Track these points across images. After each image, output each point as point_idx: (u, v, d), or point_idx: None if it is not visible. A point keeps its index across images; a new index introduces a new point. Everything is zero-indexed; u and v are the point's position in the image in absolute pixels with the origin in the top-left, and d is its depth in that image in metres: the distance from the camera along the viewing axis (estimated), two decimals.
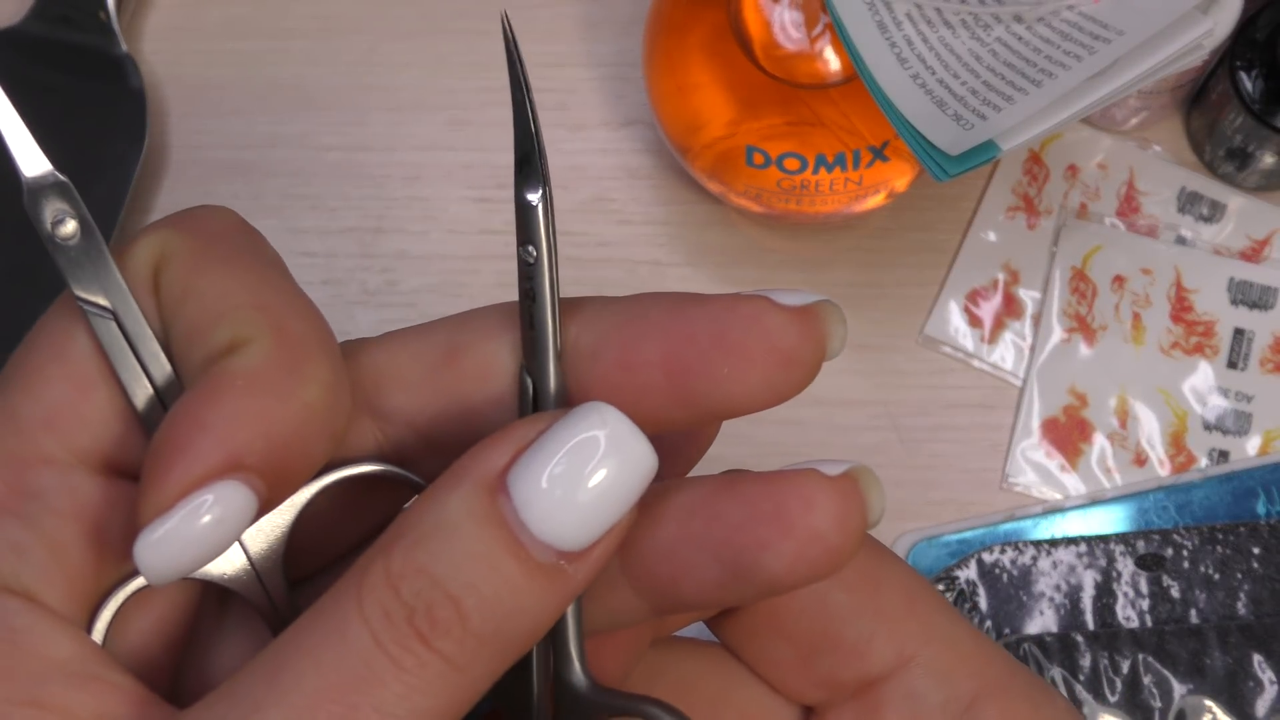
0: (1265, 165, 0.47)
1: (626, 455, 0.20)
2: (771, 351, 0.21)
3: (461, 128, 0.51)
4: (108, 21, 0.50)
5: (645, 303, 0.22)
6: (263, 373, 0.20)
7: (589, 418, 0.20)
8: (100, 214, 0.48)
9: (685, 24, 0.45)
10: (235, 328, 0.21)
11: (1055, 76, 0.38)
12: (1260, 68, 0.45)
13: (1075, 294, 0.48)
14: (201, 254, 0.22)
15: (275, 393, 0.20)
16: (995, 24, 0.39)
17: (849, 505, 0.21)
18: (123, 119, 0.50)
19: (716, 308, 0.21)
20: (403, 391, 0.23)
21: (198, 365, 0.21)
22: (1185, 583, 0.44)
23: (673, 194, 0.50)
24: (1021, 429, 0.47)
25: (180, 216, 0.23)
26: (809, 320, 0.21)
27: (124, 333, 0.21)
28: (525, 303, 0.21)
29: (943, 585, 0.44)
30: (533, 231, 0.21)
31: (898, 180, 0.45)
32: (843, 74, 0.43)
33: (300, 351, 0.21)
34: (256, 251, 0.23)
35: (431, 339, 0.23)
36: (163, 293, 0.22)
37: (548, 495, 0.19)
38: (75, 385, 0.21)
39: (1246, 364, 0.47)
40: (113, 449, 0.22)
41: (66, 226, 0.22)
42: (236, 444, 0.20)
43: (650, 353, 0.21)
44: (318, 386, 0.21)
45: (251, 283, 0.22)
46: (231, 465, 0.20)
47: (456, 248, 0.49)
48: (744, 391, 0.21)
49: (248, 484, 0.20)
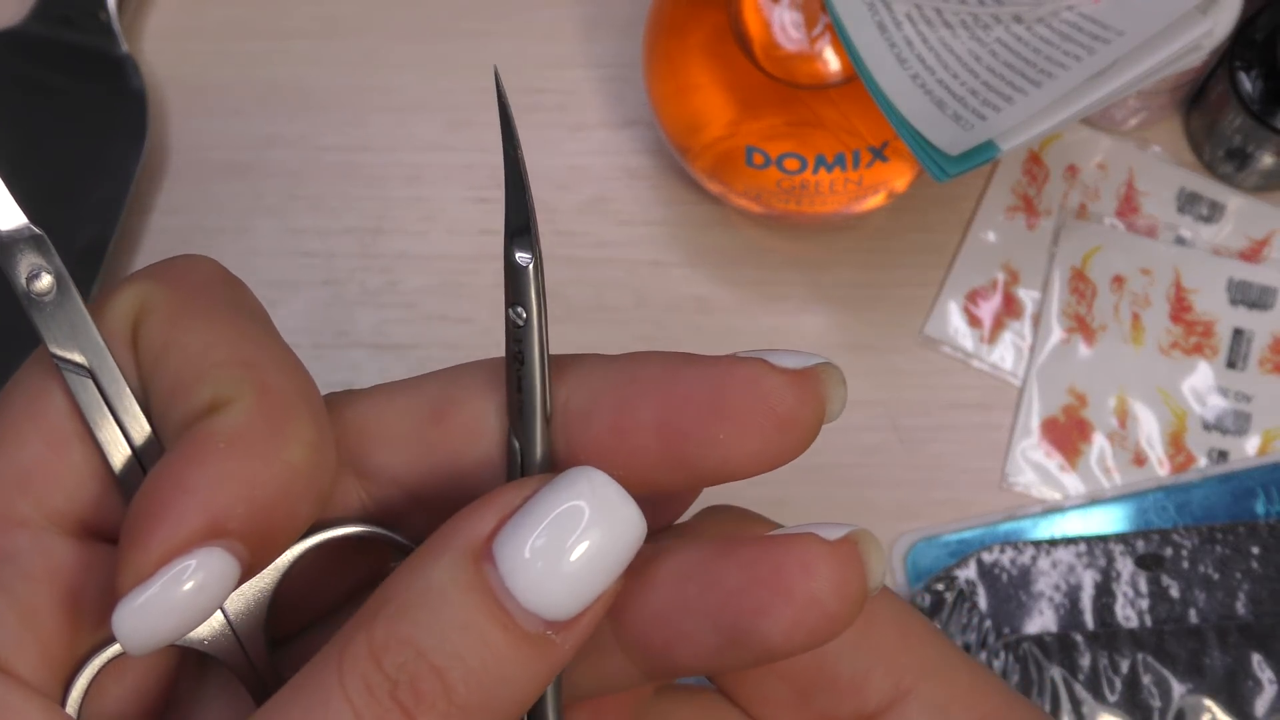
0: (1264, 165, 0.47)
1: (614, 522, 0.19)
2: (769, 415, 0.20)
3: (462, 128, 0.51)
4: (108, 22, 0.50)
5: (638, 363, 0.21)
6: (245, 433, 0.20)
7: (575, 484, 0.19)
8: (101, 215, 0.49)
9: (685, 25, 0.45)
10: (216, 386, 0.20)
11: (1055, 77, 0.38)
12: (1259, 68, 0.45)
13: (1075, 294, 0.48)
14: (181, 307, 0.21)
15: (258, 454, 0.20)
16: (995, 24, 0.39)
17: (848, 571, 0.20)
18: (123, 119, 0.50)
19: (712, 370, 0.21)
20: (388, 449, 0.22)
21: (178, 425, 0.20)
22: (1184, 582, 0.44)
23: (673, 194, 0.50)
24: (1021, 429, 0.47)
25: (160, 267, 0.22)
26: (808, 383, 0.21)
27: (101, 391, 0.21)
28: (514, 365, 0.21)
29: (942, 585, 0.44)
30: (523, 293, 0.20)
31: (897, 180, 0.45)
32: (843, 74, 0.43)
33: (284, 410, 0.20)
34: (239, 304, 0.22)
35: (419, 395, 0.22)
36: (141, 348, 0.21)
37: (533, 564, 0.19)
38: (50, 445, 0.21)
39: (1246, 364, 0.47)
40: (89, 511, 0.21)
41: (42, 282, 0.21)
42: (218, 508, 0.19)
43: (644, 415, 0.21)
44: (302, 447, 0.20)
45: (233, 338, 0.21)
46: (214, 530, 0.19)
47: (456, 248, 0.49)
48: (740, 456, 0.21)
49: (230, 550, 0.19)
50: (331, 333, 0.49)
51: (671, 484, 0.21)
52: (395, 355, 0.49)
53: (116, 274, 0.49)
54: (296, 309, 0.49)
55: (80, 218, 0.49)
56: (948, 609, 0.44)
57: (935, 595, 0.44)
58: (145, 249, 0.50)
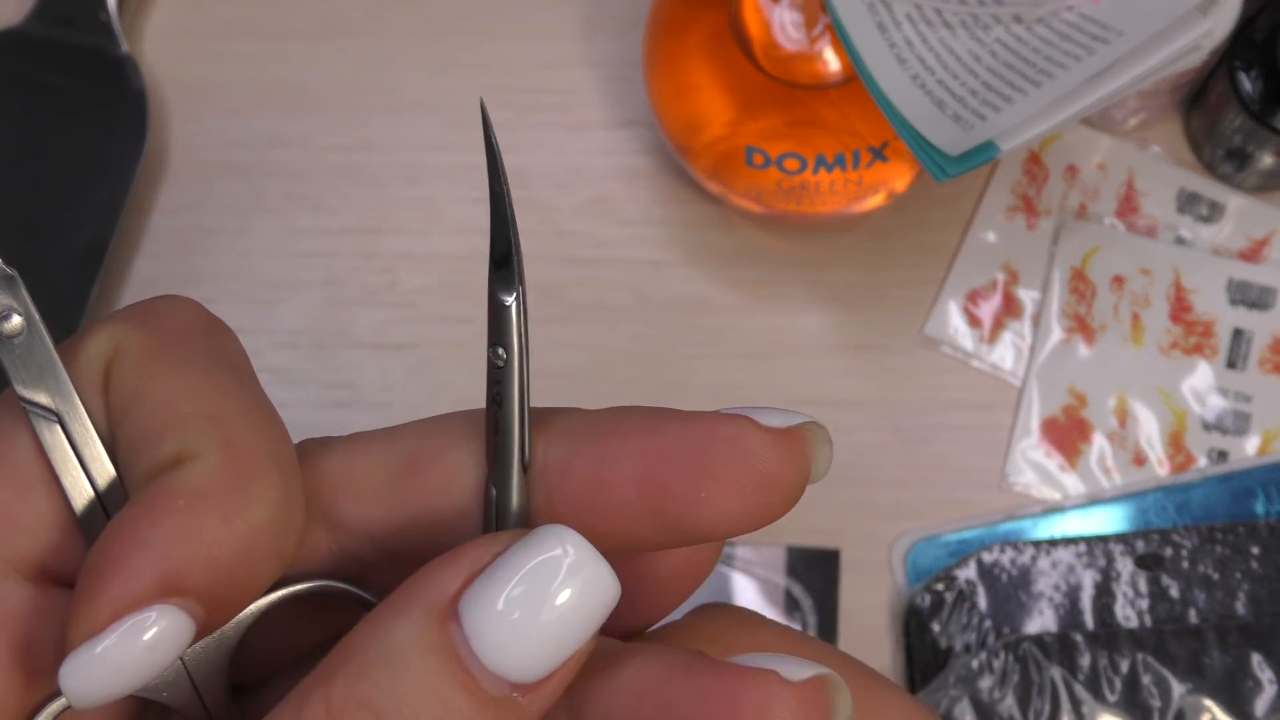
0: (1264, 166, 0.47)
1: (587, 581, 0.19)
2: (751, 474, 0.20)
3: (462, 128, 0.51)
4: (108, 22, 0.50)
5: (621, 416, 0.21)
6: (207, 491, 0.19)
7: (547, 542, 0.19)
8: (101, 215, 0.49)
9: (685, 25, 0.45)
10: (182, 440, 0.20)
11: (1055, 77, 0.38)
12: (1259, 68, 0.45)
13: (1074, 294, 0.48)
14: (155, 354, 0.21)
15: (219, 513, 0.19)
16: (995, 24, 0.39)
17: (811, 710, 0.19)
18: (123, 120, 0.50)
19: (695, 426, 0.20)
20: (360, 501, 0.22)
21: (141, 477, 0.20)
22: (1184, 582, 0.44)
23: (673, 194, 0.50)
24: (1021, 429, 0.47)
25: (138, 310, 0.22)
26: (792, 442, 0.20)
27: (68, 435, 0.21)
28: (492, 407, 0.20)
29: (942, 585, 0.45)
30: (505, 333, 0.20)
31: (897, 180, 0.45)
32: (842, 74, 0.43)
33: (249, 468, 0.20)
34: (215, 352, 0.21)
35: (393, 446, 0.22)
36: (112, 395, 0.21)
37: (501, 624, 0.18)
38: (14, 489, 0.20)
39: (1245, 364, 0.47)
40: (49, 557, 0.21)
41: (11, 322, 0.20)
42: (174, 566, 0.19)
43: (624, 470, 0.20)
44: (265, 507, 0.20)
45: (205, 389, 0.20)
46: (168, 589, 0.19)
47: (456, 248, 0.49)
48: (722, 515, 0.20)
49: (185, 608, 0.19)
50: (331, 333, 0.49)
51: (651, 541, 0.21)
52: (395, 355, 0.49)
53: (116, 274, 0.49)
54: (296, 309, 0.49)
55: (80, 218, 0.49)
56: (948, 609, 0.44)
57: (935, 595, 0.44)
58: (145, 249, 0.50)
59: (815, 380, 0.48)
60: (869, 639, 0.46)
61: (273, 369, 0.48)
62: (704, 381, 0.48)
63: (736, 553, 0.46)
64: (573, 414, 0.21)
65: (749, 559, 0.46)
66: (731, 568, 0.46)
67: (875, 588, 0.46)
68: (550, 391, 0.50)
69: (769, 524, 0.20)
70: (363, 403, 0.48)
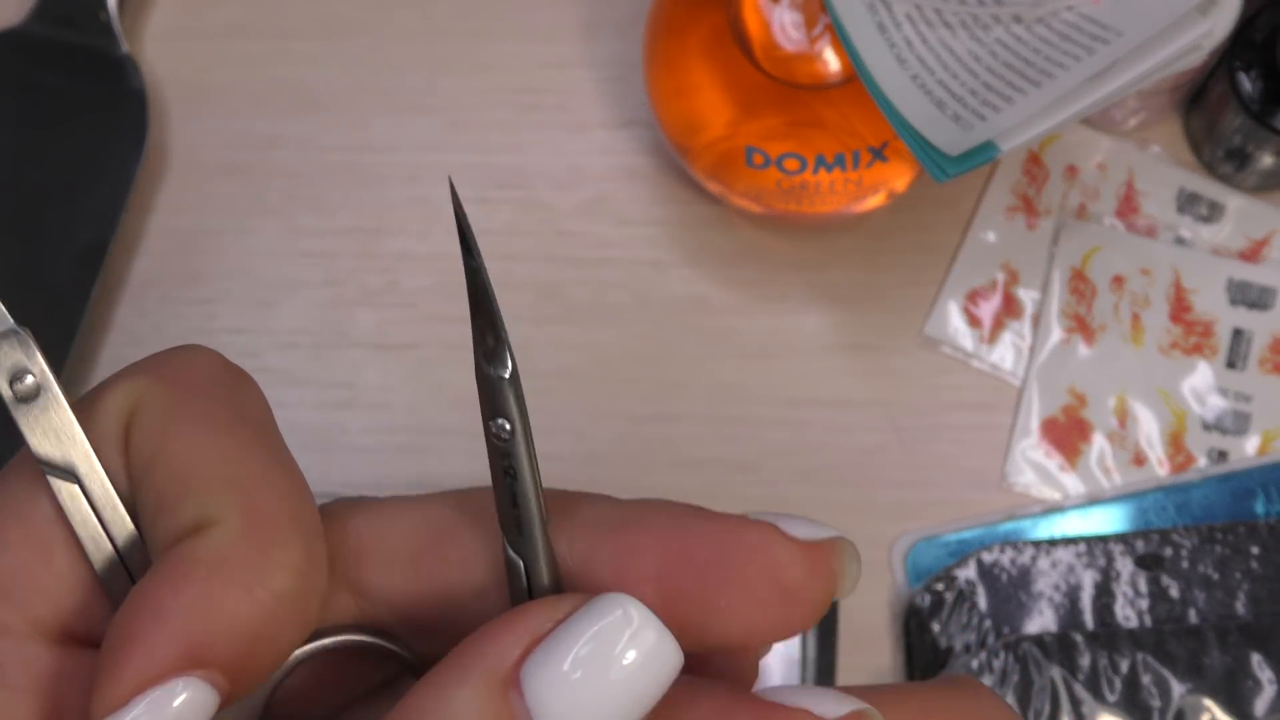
0: (1264, 166, 0.47)
1: (651, 650, 0.18)
2: (774, 586, 0.19)
3: (462, 129, 0.51)
4: (108, 22, 0.50)
5: (645, 510, 0.20)
6: (228, 559, 0.19)
7: (611, 608, 0.18)
8: (101, 215, 0.49)
9: (685, 25, 0.45)
10: (202, 506, 0.19)
11: (1054, 77, 0.38)
12: (1259, 69, 0.45)
13: (1074, 294, 0.48)
14: (175, 411, 0.20)
15: (240, 582, 0.19)
16: (994, 24, 0.39)
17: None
18: (123, 120, 0.50)
19: (720, 529, 0.20)
20: (384, 570, 0.22)
21: (162, 542, 0.20)
22: (1184, 582, 0.44)
23: (673, 194, 0.50)
24: (1021, 429, 0.47)
25: (157, 363, 0.22)
26: (819, 556, 0.20)
27: (87, 495, 0.20)
28: (505, 480, 0.20)
29: (942, 585, 0.45)
30: (503, 407, 0.19)
31: (897, 181, 0.45)
32: (842, 74, 0.43)
33: (271, 535, 0.19)
34: (236, 408, 0.21)
35: (422, 518, 0.22)
36: (132, 454, 0.21)
37: (564, 693, 0.18)
38: (34, 551, 0.20)
39: (1245, 364, 0.47)
40: (72, 618, 0.21)
41: (25, 384, 0.20)
42: (197, 638, 0.18)
43: (645, 568, 0.20)
44: (288, 574, 0.19)
45: (227, 449, 0.20)
46: (191, 661, 0.18)
47: (456, 248, 0.49)
48: (740, 626, 0.20)
49: (209, 679, 0.19)
50: (332, 333, 0.49)
51: None
52: (395, 355, 0.49)
53: (116, 274, 0.49)
54: (296, 309, 0.49)
55: (80, 218, 0.49)
56: (947, 609, 0.44)
57: (935, 595, 0.44)
58: (145, 249, 0.50)
59: (815, 380, 0.48)
60: (869, 639, 0.46)
61: (273, 369, 0.48)
62: (704, 381, 0.48)
63: None
64: (597, 502, 0.21)
65: None
66: None
67: (875, 588, 0.46)
68: (550, 392, 0.50)
69: (788, 638, 0.20)
70: (363, 403, 0.48)
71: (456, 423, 0.48)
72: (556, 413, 0.48)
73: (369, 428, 0.48)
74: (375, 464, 0.47)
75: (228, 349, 0.22)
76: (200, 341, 0.22)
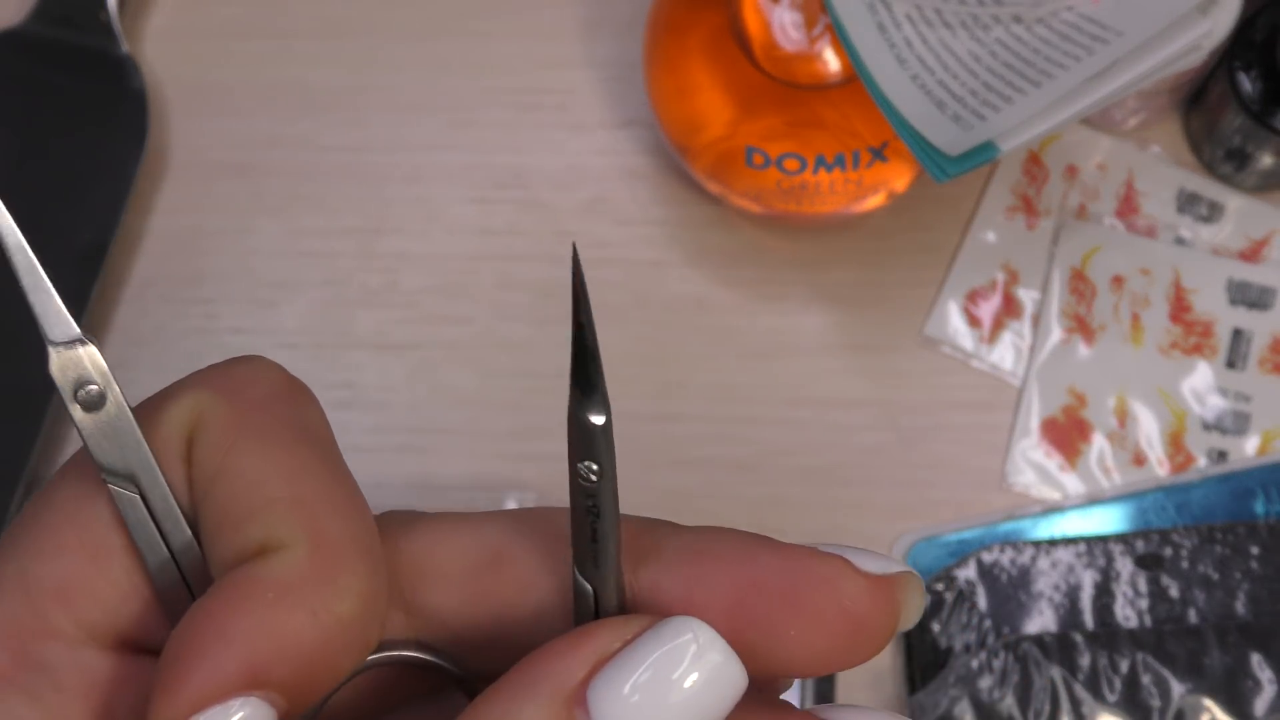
0: (1264, 166, 0.47)
1: (715, 671, 0.18)
2: (843, 617, 0.20)
3: (462, 129, 0.51)
4: (109, 22, 0.50)
5: (715, 538, 0.21)
6: (295, 584, 0.19)
7: (681, 633, 0.19)
8: (101, 215, 0.49)
9: (685, 25, 0.45)
10: (269, 527, 0.20)
11: (1054, 77, 0.38)
12: (1259, 69, 0.45)
13: (1074, 294, 0.48)
14: (239, 427, 0.21)
15: (306, 607, 0.19)
16: (994, 25, 0.39)
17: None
18: (124, 120, 0.50)
19: (791, 560, 0.20)
20: (442, 591, 0.22)
21: (225, 562, 0.20)
22: (1184, 582, 0.44)
23: (673, 194, 0.50)
24: (1020, 429, 0.47)
25: (220, 375, 0.22)
26: (887, 590, 0.20)
27: (147, 504, 0.21)
28: (588, 518, 0.20)
29: (942, 585, 0.45)
30: (595, 452, 0.19)
31: (897, 181, 0.45)
32: (842, 74, 0.43)
33: (337, 560, 0.20)
34: (298, 424, 0.21)
35: (480, 538, 0.22)
36: (195, 469, 0.21)
37: (631, 714, 0.18)
38: (91, 556, 0.20)
39: (1245, 364, 0.47)
40: (127, 625, 0.21)
41: (91, 393, 0.20)
42: (260, 659, 0.19)
43: (715, 595, 0.20)
44: (353, 600, 0.20)
45: (292, 469, 0.20)
46: (252, 682, 0.19)
47: (456, 248, 0.49)
48: (807, 654, 0.20)
49: (267, 699, 0.19)
50: (332, 333, 0.49)
51: None
52: (395, 355, 0.49)
53: (116, 274, 0.49)
54: (297, 309, 0.49)
55: (80, 218, 0.49)
56: (947, 609, 0.44)
57: (935, 595, 0.44)
58: (145, 249, 0.50)
59: (815, 380, 0.48)
60: None
61: None
62: (704, 381, 0.48)
63: None
64: (666, 530, 0.21)
65: None
66: None
67: None
68: (551, 392, 0.50)
69: (849, 669, 0.20)
70: (363, 403, 0.48)
71: (456, 423, 0.48)
72: (557, 412, 0.48)
73: (369, 428, 0.48)
74: (375, 464, 0.47)
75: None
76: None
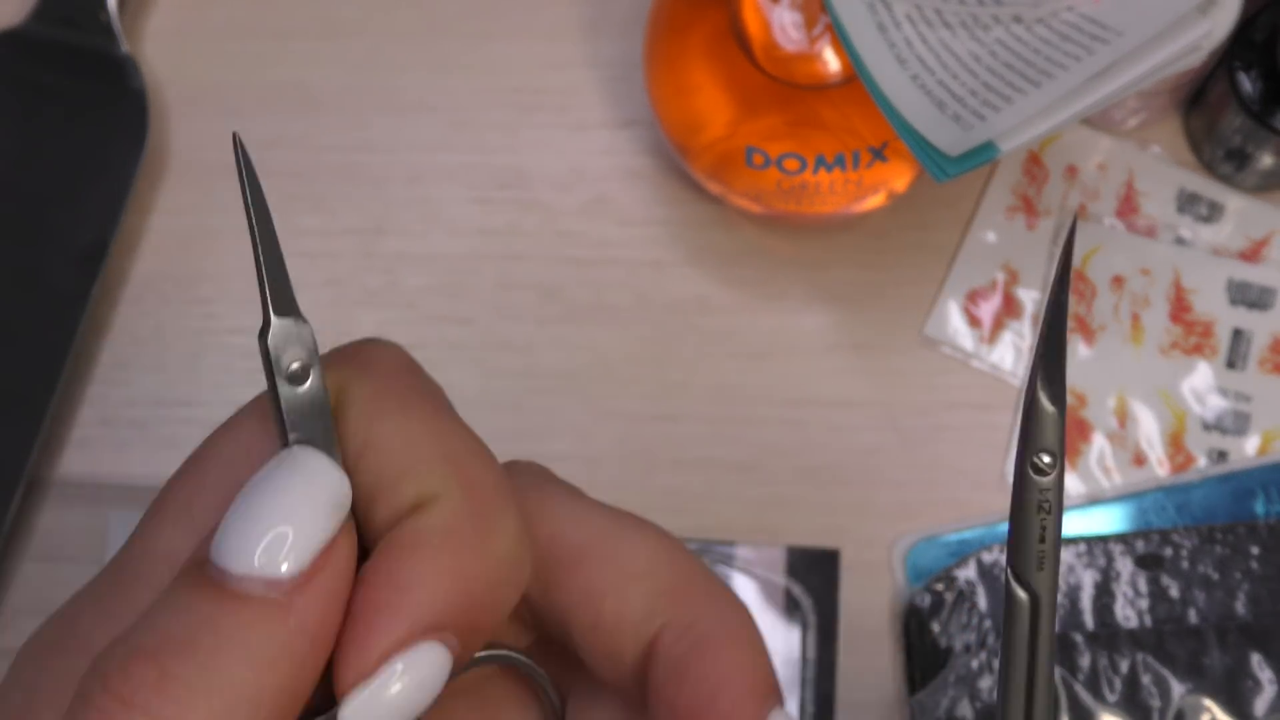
0: (1264, 166, 0.47)
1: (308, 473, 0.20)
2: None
3: (462, 129, 0.51)
4: (108, 22, 0.50)
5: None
6: (457, 529, 0.20)
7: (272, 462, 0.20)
8: (101, 215, 0.49)
9: (685, 24, 0.45)
10: (422, 483, 0.21)
11: (1054, 77, 0.38)
12: (1259, 69, 0.45)
13: (1074, 294, 0.48)
14: (379, 399, 0.22)
15: (470, 548, 0.20)
16: (994, 25, 0.39)
17: None
18: (124, 120, 0.50)
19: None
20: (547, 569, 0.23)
21: (385, 521, 0.21)
22: (1184, 582, 0.44)
23: (673, 194, 0.50)
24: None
25: (353, 354, 0.23)
26: None
27: None
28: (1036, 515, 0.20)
29: (942, 585, 0.45)
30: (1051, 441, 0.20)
31: (897, 181, 0.45)
32: (842, 74, 0.43)
33: (490, 504, 0.21)
34: (429, 392, 0.23)
35: (594, 524, 0.23)
36: (345, 442, 0.22)
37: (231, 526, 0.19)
38: None
39: (1245, 364, 0.47)
40: None
41: (300, 371, 0.22)
42: (437, 605, 0.20)
43: None
44: (508, 538, 0.21)
45: (435, 429, 0.22)
46: (433, 626, 0.20)
47: (457, 248, 0.49)
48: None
49: (445, 643, 0.20)
50: (332, 333, 0.49)
51: None
52: None
53: (116, 274, 0.49)
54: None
55: (80, 218, 0.49)
56: (947, 609, 0.44)
57: (935, 595, 0.44)
58: (145, 249, 0.50)
59: (815, 380, 0.48)
60: (869, 639, 0.46)
61: None
62: (704, 381, 0.48)
63: (737, 553, 0.46)
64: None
65: (749, 559, 0.46)
66: (731, 567, 0.46)
67: (875, 588, 0.46)
68: (551, 392, 0.50)
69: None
70: None
71: None
72: (558, 412, 0.48)
73: None
74: None
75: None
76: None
